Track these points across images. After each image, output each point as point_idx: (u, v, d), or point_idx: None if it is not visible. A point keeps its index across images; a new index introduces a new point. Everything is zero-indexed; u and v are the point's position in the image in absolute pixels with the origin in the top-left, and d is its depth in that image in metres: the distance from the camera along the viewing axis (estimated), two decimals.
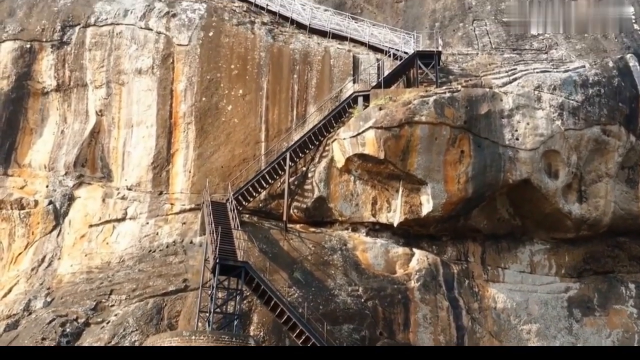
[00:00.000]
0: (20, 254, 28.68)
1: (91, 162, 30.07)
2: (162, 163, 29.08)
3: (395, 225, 27.00)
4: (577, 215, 27.34)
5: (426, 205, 26.41)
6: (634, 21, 31.57)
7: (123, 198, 28.75)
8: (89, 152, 30.18)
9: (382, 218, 27.27)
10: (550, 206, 27.05)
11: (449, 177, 26.45)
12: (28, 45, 32.40)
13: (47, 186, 29.65)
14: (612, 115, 27.83)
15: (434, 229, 27.31)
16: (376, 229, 27.57)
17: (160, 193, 28.58)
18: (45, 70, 31.86)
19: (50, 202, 29.14)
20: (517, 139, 26.95)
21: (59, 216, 29.01)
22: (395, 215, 26.96)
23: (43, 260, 28.02)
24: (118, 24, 32.31)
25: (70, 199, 29.22)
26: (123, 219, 28.33)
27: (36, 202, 29.16)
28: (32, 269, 27.83)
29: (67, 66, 31.76)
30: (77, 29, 32.53)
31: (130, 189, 28.89)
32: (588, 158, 27.58)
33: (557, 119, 27.25)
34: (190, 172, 28.59)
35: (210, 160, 28.66)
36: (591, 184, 27.65)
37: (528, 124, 27.16)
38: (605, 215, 27.58)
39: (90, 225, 28.29)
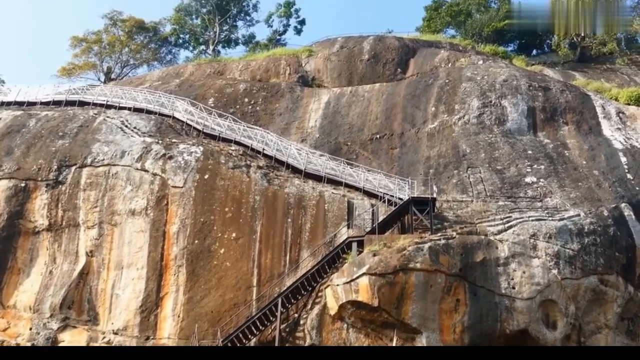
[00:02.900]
0: None
1: (78, 304, 30.86)
2: (150, 307, 29.87)
3: None
4: None
5: None
6: (627, 171, 33.48)
7: (108, 343, 29.30)
8: (77, 294, 31.05)
9: None
10: None
11: (445, 326, 27.12)
12: (23, 184, 34.19)
13: (30, 329, 30.30)
14: (609, 264, 29.00)
15: None
16: None
17: (147, 338, 29.15)
18: (38, 209, 33.42)
19: None
20: (514, 288, 27.91)
21: None
22: None
23: None
24: (114, 165, 34.30)
25: (54, 342, 29.77)
26: None
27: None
28: None
29: (61, 206, 33.36)
30: (73, 169, 34.47)
31: (116, 333, 29.51)
32: (586, 308, 28.41)
33: (553, 267, 28.36)
34: (179, 316, 29.30)
35: (200, 305, 29.46)
36: (590, 336, 28.29)
37: (524, 272, 28.23)
38: None
39: None
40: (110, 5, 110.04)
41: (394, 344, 27.35)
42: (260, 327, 28.26)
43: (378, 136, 37.68)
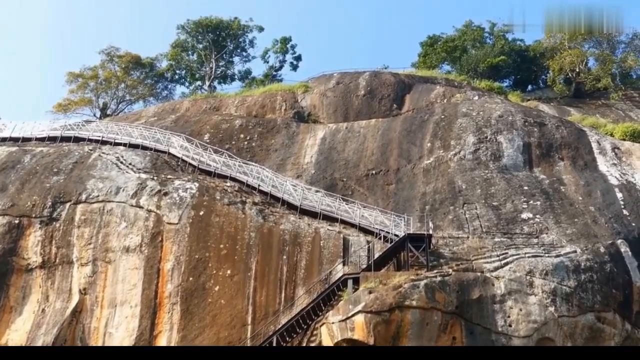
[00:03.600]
0: None
1: (70, 343, 30.70)
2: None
3: None
4: None
5: None
6: (622, 207, 33.70)
7: None
8: (69, 333, 30.96)
9: None
10: None
11: None
12: (17, 221, 34.28)
13: None
14: (606, 301, 29.02)
15: None
16: None
17: None
18: (32, 246, 33.47)
19: None
20: (510, 326, 27.88)
21: None
22: None
23: None
24: (109, 201, 34.45)
25: None
26: None
27: None
28: None
29: (54, 243, 33.43)
30: (67, 205, 34.60)
31: None
32: None
33: (550, 305, 28.38)
34: None
35: (194, 344, 29.31)
36: None
37: (521, 309, 28.24)
38: None
39: None
40: (107, 41, 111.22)
41: None
42: None
43: (374, 172, 37.97)
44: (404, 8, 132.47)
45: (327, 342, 28.29)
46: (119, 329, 30.43)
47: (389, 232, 31.91)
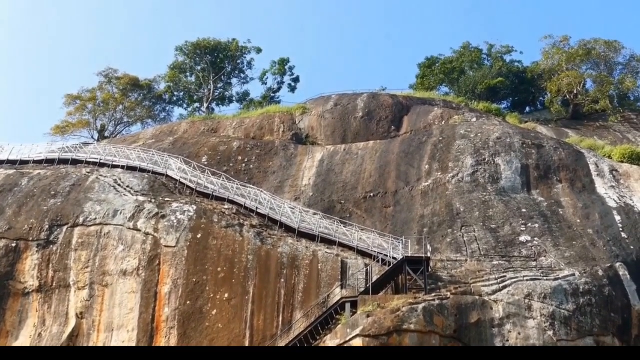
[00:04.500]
0: None
1: None
2: None
3: None
4: None
5: None
6: (621, 229, 33.86)
7: None
8: None
9: None
10: None
11: None
12: (14, 244, 34.36)
13: None
14: (604, 325, 29.06)
15: None
16: None
17: None
18: (29, 270, 33.54)
19: None
20: None
21: None
22: None
23: None
24: (107, 224, 34.57)
25: None
26: None
27: None
28: None
29: (52, 266, 33.50)
30: (64, 228, 34.71)
31: None
32: None
33: (548, 329, 28.45)
34: None
35: None
36: None
37: (519, 334, 28.28)
38: None
39: None
40: (106, 63, 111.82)
41: None
42: None
43: (372, 194, 38.14)
44: (401, 30, 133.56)
45: None
46: None
47: (387, 255, 31.94)
